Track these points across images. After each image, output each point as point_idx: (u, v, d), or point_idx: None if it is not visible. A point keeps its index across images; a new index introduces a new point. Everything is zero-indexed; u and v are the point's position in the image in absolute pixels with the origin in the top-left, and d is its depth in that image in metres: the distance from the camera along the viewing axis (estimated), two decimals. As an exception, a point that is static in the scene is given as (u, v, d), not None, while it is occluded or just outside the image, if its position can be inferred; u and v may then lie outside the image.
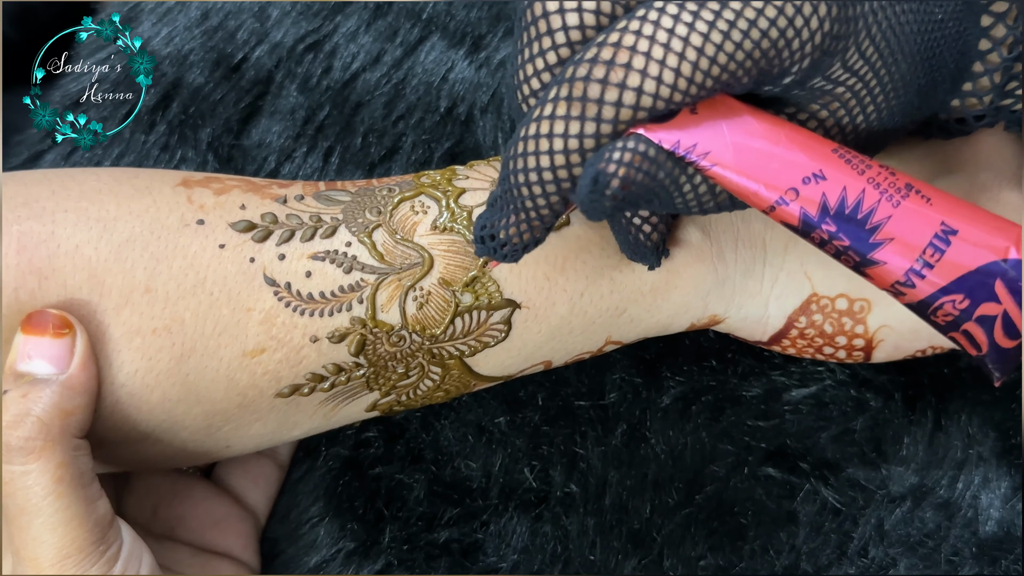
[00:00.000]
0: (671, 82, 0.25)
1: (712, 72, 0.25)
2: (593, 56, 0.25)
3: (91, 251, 0.30)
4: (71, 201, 0.31)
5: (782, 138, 0.27)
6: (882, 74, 0.28)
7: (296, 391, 0.33)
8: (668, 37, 0.24)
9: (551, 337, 0.34)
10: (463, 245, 0.33)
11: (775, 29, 0.25)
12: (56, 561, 0.29)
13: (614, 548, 0.38)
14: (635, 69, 0.24)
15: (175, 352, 0.31)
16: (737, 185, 0.26)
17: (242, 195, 0.33)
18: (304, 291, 0.32)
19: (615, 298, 0.34)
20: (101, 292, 0.30)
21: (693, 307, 0.35)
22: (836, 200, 0.26)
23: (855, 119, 0.28)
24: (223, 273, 0.31)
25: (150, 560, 0.31)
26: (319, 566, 0.39)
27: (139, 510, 0.37)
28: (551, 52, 0.26)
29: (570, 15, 0.26)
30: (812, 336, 0.36)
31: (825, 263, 0.35)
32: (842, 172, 0.26)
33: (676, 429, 0.39)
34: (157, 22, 0.43)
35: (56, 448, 0.29)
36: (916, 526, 0.38)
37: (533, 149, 0.26)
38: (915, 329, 0.35)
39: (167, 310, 0.31)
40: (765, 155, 0.26)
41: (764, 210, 0.27)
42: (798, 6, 0.25)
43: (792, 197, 0.26)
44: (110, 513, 0.30)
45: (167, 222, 0.31)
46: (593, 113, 0.25)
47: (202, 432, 0.33)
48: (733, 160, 0.26)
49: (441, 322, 0.33)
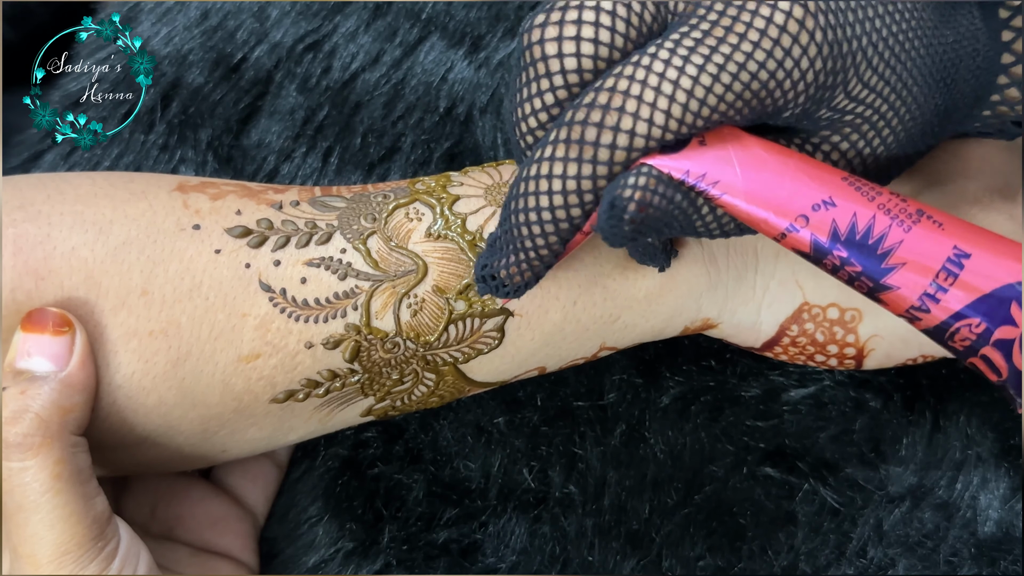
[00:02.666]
0: (662, 123, 0.25)
1: (702, 113, 0.25)
2: (591, 101, 0.26)
3: (87, 253, 0.30)
4: (67, 204, 0.31)
5: (790, 167, 0.27)
6: (892, 99, 0.28)
7: (291, 396, 0.33)
8: (659, 81, 0.25)
9: (545, 344, 0.35)
10: (457, 253, 0.33)
11: (764, 71, 0.26)
12: (54, 558, 0.28)
13: (613, 549, 0.38)
14: (627, 112, 0.25)
15: (171, 355, 0.31)
16: (747, 213, 0.27)
17: (238, 200, 0.33)
18: (299, 297, 0.32)
19: (609, 305, 0.34)
20: (98, 293, 0.30)
21: (687, 310, 0.35)
22: (846, 226, 0.26)
23: (872, 144, 0.29)
24: (219, 278, 0.31)
25: (147, 558, 0.31)
26: (318, 566, 0.39)
27: (137, 510, 0.37)
28: (548, 94, 0.27)
29: (568, 59, 0.27)
30: (804, 344, 0.36)
31: (816, 272, 0.35)
32: (852, 199, 0.27)
33: (675, 429, 0.39)
34: (156, 22, 0.43)
35: (54, 445, 0.29)
36: (915, 526, 0.38)
37: (533, 190, 0.27)
38: (905, 338, 0.36)
39: (163, 313, 0.31)
40: (774, 183, 0.27)
41: (775, 237, 0.27)
42: (787, 47, 0.26)
43: (802, 224, 0.26)
44: (108, 510, 0.30)
45: (163, 226, 0.31)
46: (589, 155, 0.26)
47: (198, 436, 0.33)
48: (742, 189, 0.26)
49: (435, 329, 0.33)
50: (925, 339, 0.36)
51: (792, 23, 0.26)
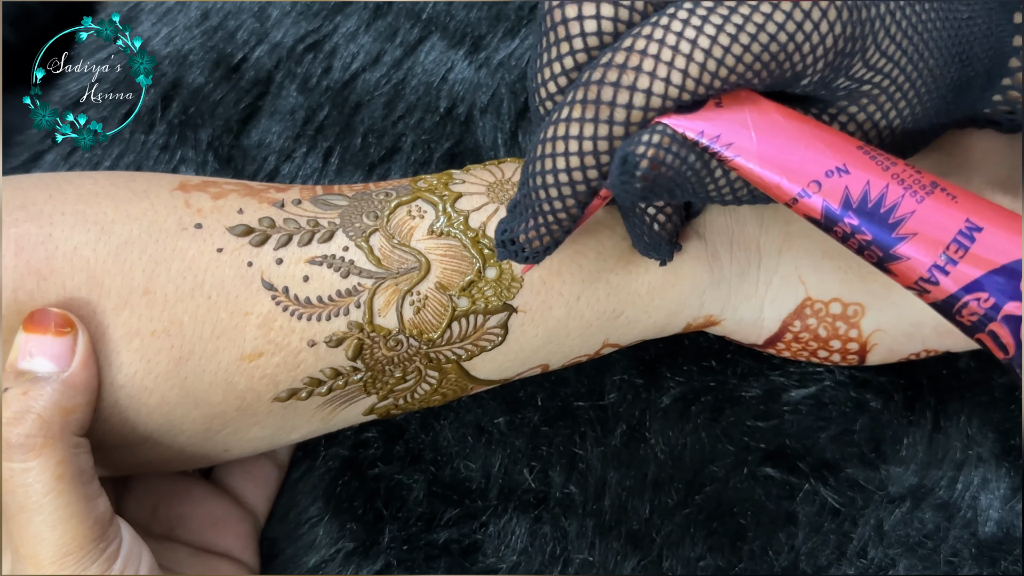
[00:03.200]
0: (679, 83, 0.25)
1: (720, 73, 0.25)
2: (607, 60, 0.26)
3: (89, 253, 0.30)
4: (68, 204, 0.31)
5: (806, 133, 0.27)
6: (909, 70, 0.28)
7: (294, 395, 0.33)
8: (677, 40, 0.25)
9: (548, 340, 0.35)
10: (460, 249, 0.33)
11: (784, 33, 0.25)
12: (56, 559, 0.28)
13: (613, 549, 0.38)
14: (644, 71, 0.25)
15: (173, 355, 0.31)
16: (759, 176, 0.27)
17: (239, 199, 0.33)
18: (302, 295, 0.32)
19: (612, 301, 0.34)
20: (100, 293, 0.30)
21: (689, 306, 0.35)
22: (859, 194, 0.26)
23: (889, 116, 0.29)
24: (221, 277, 0.31)
25: (149, 559, 0.31)
26: (318, 566, 0.39)
27: (139, 510, 0.37)
28: (568, 57, 0.27)
29: (588, 22, 0.27)
30: (807, 340, 0.36)
31: (818, 267, 0.35)
32: (866, 167, 0.27)
33: (675, 429, 0.39)
34: (157, 22, 0.43)
35: (56, 445, 0.29)
36: (915, 527, 0.38)
37: (551, 151, 0.27)
38: (908, 333, 0.36)
39: (166, 312, 0.31)
40: (788, 148, 0.27)
41: (787, 203, 0.27)
42: (807, 10, 0.26)
43: (815, 190, 0.26)
44: (110, 511, 0.30)
45: (165, 225, 0.31)
46: (606, 115, 0.26)
47: (200, 435, 0.33)
48: (756, 152, 0.26)
49: (438, 326, 0.33)
50: (928, 332, 0.36)
51: None
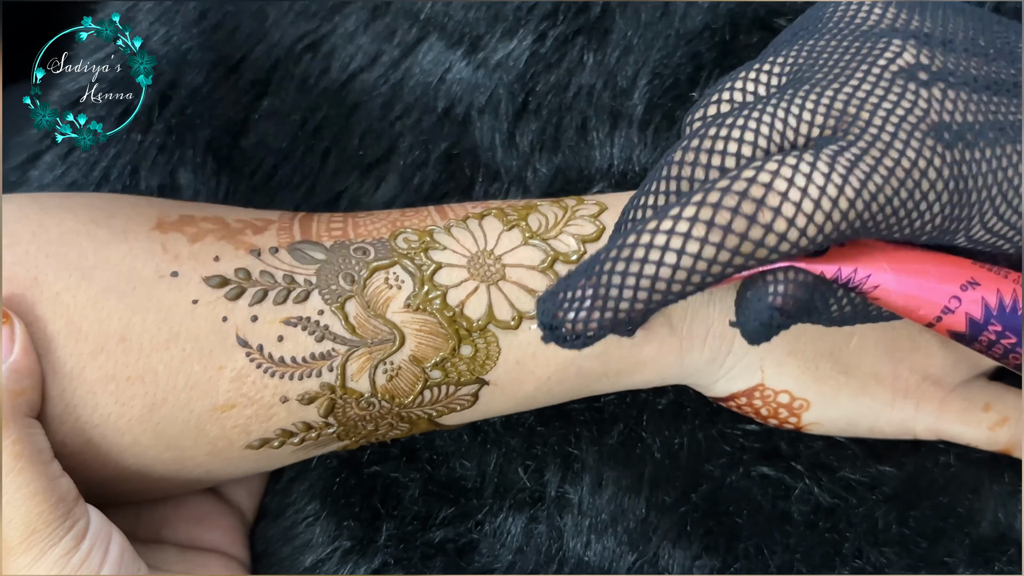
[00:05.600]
0: (812, 235, 0.26)
1: (841, 227, 0.26)
2: (742, 190, 0.26)
3: (70, 300, 0.31)
4: (52, 246, 0.32)
5: (929, 256, 0.28)
6: (1012, 236, 0.28)
7: (266, 444, 0.34)
8: (819, 194, 0.25)
9: (516, 406, 0.36)
10: (436, 326, 0.33)
11: (897, 199, 0.26)
12: (23, 538, 0.29)
13: (609, 548, 0.38)
14: (783, 215, 0.25)
15: (147, 401, 0.32)
16: (903, 302, 0.27)
17: (215, 243, 0.33)
18: (276, 354, 0.32)
19: (581, 381, 0.35)
20: (77, 338, 0.31)
21: (652, 381, 0.37)
22: (996, 303, 0.27)
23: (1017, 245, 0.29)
24: (196, 331, 0.32)
25: (120, 539, 0.31)
26: (315, 565, 0.39)
27: (122, 517, 0.37)
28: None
29: (731, 143, 0.28)
30: (747, 412, 0.37)
31: (781, 363, 0.36)
32: (991, 277, 0.28)
33: (672, 429, 0.39)
34: (155, 21, 0.43)
35: (10, 425, 0.29)
36: (910, 526, 0.38)
37: (655, 258, 0.26)
38: (843, 428, 0.37)
39: (141, 360, 0.31)
40: (921, 271, 0.28)
41: (929, 322, 0.28)
42: (916, 183, 0.26)
43: (956, 305, 0.27)
44: (74, 491, 0.31)
45: (143, 273, 0.32)
46: (732, 245, 0.25)
47: (173, 473, 0.34)
48: (895, 281, 0.27)
49: (411, 393, 0.34)
50: (861, 431, 0.37)
51: (922, 161, 0.26)
